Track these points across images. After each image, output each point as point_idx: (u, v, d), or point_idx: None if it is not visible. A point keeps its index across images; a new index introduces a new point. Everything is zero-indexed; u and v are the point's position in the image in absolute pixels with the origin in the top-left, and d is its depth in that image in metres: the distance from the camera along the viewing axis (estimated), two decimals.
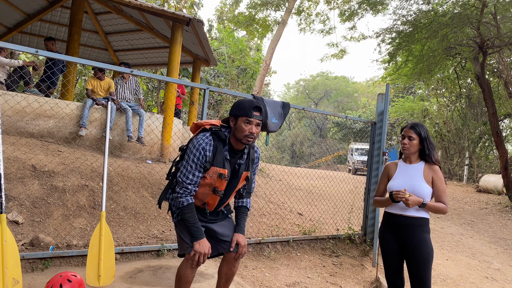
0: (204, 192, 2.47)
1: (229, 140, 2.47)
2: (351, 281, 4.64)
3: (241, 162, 2.52)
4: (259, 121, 2.40)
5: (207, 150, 2.38)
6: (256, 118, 2.37)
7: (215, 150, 2.40)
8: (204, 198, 2.49)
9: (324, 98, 50.22)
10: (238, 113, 2.39)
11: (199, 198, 2.49)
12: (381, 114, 5.56)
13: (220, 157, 2.41)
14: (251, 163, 2.58)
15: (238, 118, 2.39)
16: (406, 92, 26.42)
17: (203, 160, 2.38)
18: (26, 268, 3.37)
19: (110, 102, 4.21)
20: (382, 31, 12.72)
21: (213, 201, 2.51)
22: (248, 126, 2.36)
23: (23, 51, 3.36)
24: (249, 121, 2.36)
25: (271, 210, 6.40)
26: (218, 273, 2.68)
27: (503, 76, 13.65)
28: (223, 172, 2.40)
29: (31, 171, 4.51)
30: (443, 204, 2.83)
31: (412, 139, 2.90)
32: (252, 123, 2.37)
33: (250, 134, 2.36)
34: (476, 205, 11.63)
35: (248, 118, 2.35)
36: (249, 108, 2.36)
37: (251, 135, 2.37)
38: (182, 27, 7.31)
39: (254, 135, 2.37)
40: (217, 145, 2.41)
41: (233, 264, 2.60)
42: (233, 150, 2.47)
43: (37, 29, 10.59)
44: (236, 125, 2.39)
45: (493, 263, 6.14)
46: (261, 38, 21.24)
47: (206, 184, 2.44)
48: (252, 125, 2.37)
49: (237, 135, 2.39)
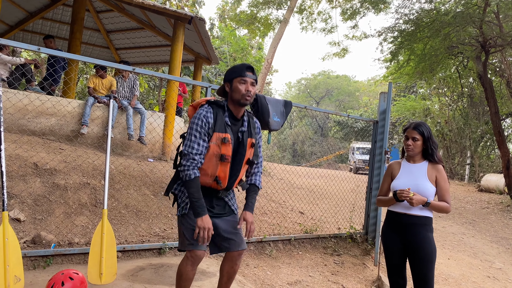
0: (212, 164, 2.42)
1: (228, 107, 2.51)
2: (353, 280, 4.63)
3: (243, 129, 2.53)
4: (253, 80, 2.46)
5: (209, 117, 2.41)
6: (250, 77, 2.44)
7: (215, 116, 2.43)
8: (214, 171, 2.43)
9: (325, 97, 50.15)
10: (232, 75, 2.45)
11: (209, 173, 2.43)
12: (383, 113, 5.55)
13: (221, 122, 2.44)
14: (254, 131, 2.60)
15: (233, 81, 2.45)
16: (408, 91, 26.37)
17: (206, 128, 2.39)
18: (28, 265, 3.37)
19: (112, 100, 4.20)
20: (384, 30, 12.69)
21: (224, 172, 2.44)
22: (244, 85, 2.42)
23: (25, 48, 3.35)
24: (244, 81, 2.42)
25: (273, 208, 6.40)
26: (220, 271, 2.67)
27: (505, 75, 13.61)
28: (225, 136, 2.41)
29: (33, 169, 4.51)
30: (447, 203, 2.83)
31: (416, 140, 2.89)
32: (247, 82, 2.43)
33: (247, 92, 2.42)
34: (478, 205, 11.61)
35: (243, 78, 2.42)
36: (242, 69, 2.44)
37: (248, 93, 2.42)
38: (184, 25, 7.31)
39: (251, 93, 2.43)
40: (217, 112, 2.44)
41: (235, 262, 2.59)
42: (233, 116, 2.50)
43: (39, 27, 10.60)
44: (232, 88, 2.45)
45: (495, 262, 6.12)
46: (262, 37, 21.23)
47: (212, 154, 2.41)
48: (248, 84, 2.43)
49: (235, 97, 2.44)
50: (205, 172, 2.44)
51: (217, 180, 2.44)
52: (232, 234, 2.55)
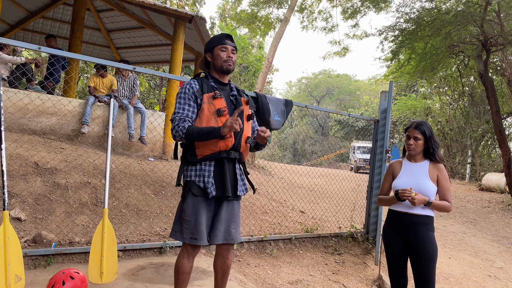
0: (212, 122, 2.41)
1: (212, 76, 2.58)
2: (354, 279, 4.63)
3: (234, 93, 2.59)
4: (233, 47, 2.55)
5: (193, 84, 2.47)
6: (230, 44, 2.52)
7: (201, 83, 2.49)
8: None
9: (326, 96, 50.13)
10: (213, 44, 2.54)
11: None
12: (384, 112, 5.54)
13: (207, 86, 2.49)
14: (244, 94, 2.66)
15: (213, 50, 2.53)
16: (409, 90, 26.35)
17: (190, 92, 2.43)
18: (28, 265, 3.37)
19: (113, 99, 4.20)
20: (384, 28, 12.66)
21: None
22: (225, 52, 2.51)
23: (25, 47, 3.35)
24: (225, 48, 2.51)
25: (273, 208, 6.39)
26: (213, 268, 2.66)
27: (507, 74, 13.58)
28: (214, 92, 2.45)
29: (34, 168, 4.51)
30: (448, 202, 2.82)
31: (418, 139, 2.88)
32: (228, 49, 2.51)
33: (228, 58, 2.50)
34: (479, 204, 11.61)
35: (223, 45, 2.50)
36: (222, 37, 2.53)
37: (230, 59, 2.51)
38: (184, 24, 7.30)
39: (232, 59, 2.52)
40: (201, 81, 2.51)
41: (226, 256, 2.59)
42: (219, 82, 2.56)
43: (40, 26, 10.60)
44: (214, 56, 2.53)
45: (496, 261, 6.12)
46: (263, 36, 21.19)
47: (209, 113, 2.42)
48: (228, 50, 2.51)
49: (217, 64, 2.52)
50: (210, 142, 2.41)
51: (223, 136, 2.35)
52: (226, 225, 2.52)
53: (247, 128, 2.56)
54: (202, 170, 2.45)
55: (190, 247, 2.45)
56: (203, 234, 2.41)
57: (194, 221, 2.41)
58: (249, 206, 6.07)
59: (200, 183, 2.43)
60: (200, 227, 2.40)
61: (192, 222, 2.41)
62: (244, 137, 2.52)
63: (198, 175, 2.45)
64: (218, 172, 2.45)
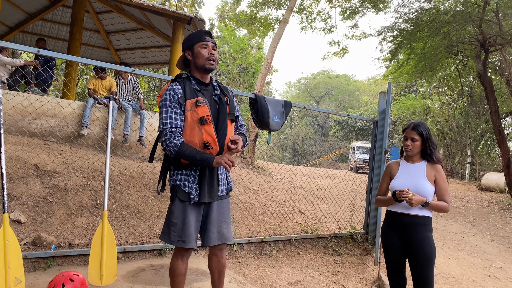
0: (196, 131, 2.37)
1: (193, 76, 2.50)
2: (353, 279, 4.63)
3: (217, 92, 2.53)
4: (214, 43, 2.47)
5: (175, 89, 2.40)
6: (210, 41, 2.44)
7: (183, 87, 2.42)
8: (200, 137, 2.37)
9: (325, 97, 50.13)
10: (192, 42, 2.46)
11: (197, 141, 2.37)
12: (383, 113, 5.55)
13: (190, 90, 2.43)
14: (226, 92, 2.60)
15: (193, 48, 2.45)
16: (408, 90, 26.36)
17: (175, 99, 2.37)
18: (28, 267, 3.38)
19: (112, 101, 4.21)
20: (383, 29, 12.67)
21: (210, 134, 2.37)
22: (206, 49, 2.43)
23: (25, 50, 3.36)
24: (205, 45, 2.43)
25: (273, 208, 6.40)
26: (209, 269, 2.67)
27: (505, 74, 13.59)
28: (197, 99, 2.38)
29: (33, 171, 4.52)
30: (446, 203, 2.83)
31: (415, 140, 2.90)
32: (208, 45, 2.44)
33: (210, 55, 2.43)
34: (478, 203, 11.62)
35: (204, 42, 2.43)
36: (201, 34, 2.45)
37: (212, 56, 2.43)
38: (183, 26, 7.32)
39: (214, 56, 2.44)
40: (183, 83, 2.44)
41: (220, 255, 2.60)
42: (201, 82, 2.50)
43: (39, 28, 10.61)
44: (195, 54, 2.45)
45: (496, 261, 6.12)
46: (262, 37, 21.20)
47: (192, 121, 2.37)
48: (209, 47, 2.44)
49: (199, 63, 2.45)
50: (192, 142, 2.37)
51: (207, 145, 2.37)
52: (218, 225, 2.53)
53: (230, 130, 2.51)
54: (188, 175, 2.45)
55: (182, 249, 2.47)
56: (191, 237, 2.41)
57: (182, 224, 2.42)
58: (249, 207, 6.08)
59: (185, 188, 2.43)
60: (187, 230, 2.41)
61: (179, 225, 2.42)
62: (227, 140, 2.46)
63: (183, 180, 2.45)
64: (201, 177, 2.45)
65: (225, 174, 2.61)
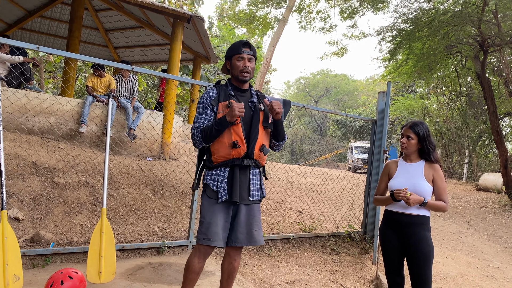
0: (226, 132, 2.48)
1: (231, 83, 2.65)
2: (351, 278, 4.64)
3: (254, 100, 2.63)
4: (251, 55, 2.57)
5: (210, 93, 2.58)
6: (247, 53, 2.55)
7: (219, 91, 2.59)
8: (229, 137, 2.47)
9: (324, 96, 50.18)
10: (231, 53, 2.60)
11: (226, 141, 2.47)
12: (382, 112, 5.56)
13: (224, 94, 2.57)
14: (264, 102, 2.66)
15: (232, 59, 2.59)
16: (407, 90, 26.41)
17: (208, 101, 2.55)
18: (27, 264, 3.38)
19: (111, 99, 4.20)
20: (382, 29, 12.70)
21: (239, 134, 2.47)
22: (241, 61, 2.55)
23: (24, 47, 3.35)
24: (241, 58, 2.55)
25: (271, 207, 6.41)
26: (221, 269, 2.69)
27: (504, 75, 13.63)
28: (229, 101, 2.48)
29: (32, 168, 4.51)
30: (444, 202, 2.84)
31: (410, 138, 2.90)
32: (244, 58, 2.55)
33: (244, 68, 2.54)
34: (476, 204, 11.64)
35: (240, 55, 2.54)
36: (239, 46, 2.57)
37: (246, 69, 2.55)
38: (182, 24, 7.30)
39: (248, 68, 2.55)
40: (220, 88, 2.61)
41: (233, 257, 2.62)
42: (238, 89, 2.63)
43: (38, 25, 10.58)
44: (232, 65, 2.59)
45: (493, 261, 6.15)
46: (261, 36, 21.22)
47: None
48: (245, 60, 2.55)
49: (234, 73, 2.59)
50: (222, 141, 2.49)
51: (235, 144, 2.45)
52: (248, 228, 2.55)
53: (262, 136, 2.58)
54: (217, 175, 2.54)
55: (203, 247, 2.49)
56: (217, 236, 2.45)
57: (209, 222, 2.47)
58: None
59: (214, 187, 2.52)
60: (214, 228, 2.45)
61: (206, 223, 2.47)
62: (258, 145, 2.55)
63: (212, 179, 2.55)
64: (232, 178, 2.52)
65: (258, 180, 2.66)
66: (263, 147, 2.57)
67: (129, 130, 6.58)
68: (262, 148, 2.57)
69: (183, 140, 9.14)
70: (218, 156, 2.52)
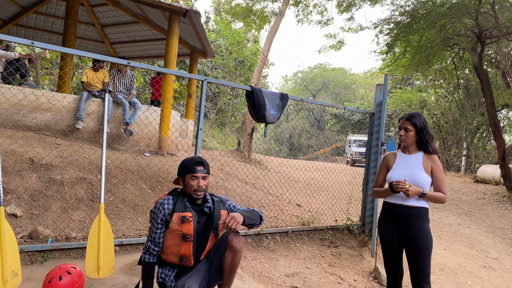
0: (175, 242, 2.51)
1: (186, 194, 2.64)
2: (350, 271, 4.66)
3: (209, 205, 2.64)
4: (205, 173, 2.59)
5: (165, 204, 2.55)
6: (200, 172, 2.56)
7: (175, 202, 2.56)
8: (178, 250, 2.52)
9: (322, 90, 50.10)
10: (184, 171, 2.60)
11: (174, 252, 2.52)
12: (379, 105, 5.55)
13: (181, 205, 2.55)
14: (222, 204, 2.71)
15: (185, 177, 2.59)
16: (404, 83, 26.40)
17: (160, 215, 2.52)
18: (25, 260, 3.37)
19: (107, 94, 4.18)
20: (380, 22, 12.65)
21: (188, 251, 2.52)
22: (195, 181, 2.55)
23: (18, 42, 3.33)
24: (195, 177, 2.55)
25: (270, 201, 6.41)
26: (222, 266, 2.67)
27: (501, 67, 13.63)
28: (185, 214, 2.49)
29: (29, 164, 4.49)
30: (442, 193, 2.83)
31: (408, 130, 2.90)
32: (198, 177, 2.55)
33: (198, 188, 2.55)
34: (474, 196, 11.68)
35: (194, 174, 2.55)
36: (192, 165, 2.57)
37: (200, 189, 2.55)
38: (179, 18, 7.26)
39: (202, 187, 2.56)
40: (176, 199, 2.57)
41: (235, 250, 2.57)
42: (194, 202, 2.64)
43: (33, 21, 10.51)
44: (185, 183, 2.59)
45: (491, 252, 6.17)
46: (258, 30, 21.14)
47: (175, 234, 2.50)
48: (199, 179, 2.56)
49: (188, 191, 2.59)
50: (170, 251, 2.53)
51: (182, 258, 2.51)
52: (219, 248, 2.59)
53: (211, 243, 2.63)
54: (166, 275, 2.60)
55: None
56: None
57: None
58: (246, 200, 6.09)
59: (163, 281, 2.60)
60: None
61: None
62: (206, 252, 2.62)
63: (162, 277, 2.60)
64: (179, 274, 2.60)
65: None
66: (210, 251, 2.62)
67: (126, 125, 6.58)
68: (210, 251, 2.62)
69: (181, 135, 9.12)
70: (166, 258, 2.57)
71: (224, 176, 7.12)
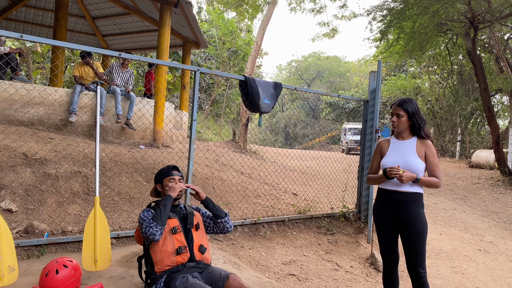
0: (168, 240, 2.57)
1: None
2: (347, 257, 4.69)
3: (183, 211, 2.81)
4: (180, 176, 2.83)
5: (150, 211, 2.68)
6: (176, 175, 2.81)
7: (155, 210, 2.66)
8: (172, 245, 2.56)
9: (316, 79, 50.00)
10: (161, 177, 2.82)
11: (170, 249, 2.55)
12: (373, 92, 5.54)
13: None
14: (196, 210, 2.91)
15: (163, 181, 2.81)
16: (398, 70, 26.40)
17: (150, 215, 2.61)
18: (22, 255, 3.37)
19: (99, 86, 4.14)
20: (373, 8, 12.61)
21: (181, 241, 2.58)
22: (173, 182, 2.77)
23: (7, 36, 3.28)
24: (172, 179, 2.78)
25: (266, 191, 6.42)
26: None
27: (494, 51, 13.64)
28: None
29: (23, 159, 4.47)
30: (437, 178, 2.84)
31: (400, 116, 2.90)
32: (175, 179, 2.79)
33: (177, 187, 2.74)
34: (469, 180, 11.77)
35: (171, 177, 2.78)
36: (168, 169, 2.83)
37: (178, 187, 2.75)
38: (170, 9, 7.19)
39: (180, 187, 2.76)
40: (156, 208, 2.67)
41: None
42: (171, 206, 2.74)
43: (22, 15, 10.38)
44: (163, 186, 2.80)
45: (486, 236, 6.24)
46: (251, 19, 20.96)
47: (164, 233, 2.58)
48: (176, 180, 2.79)
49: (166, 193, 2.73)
50: (167, 251, 2.55)
51: (179, 250, 2.55)
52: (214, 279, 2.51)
53: (197, 237, 2.70)
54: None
55: None
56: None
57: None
58: (242, 190, 6.10)
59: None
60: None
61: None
62: (196, 246, 2.66)
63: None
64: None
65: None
66: (201, 247, 2.67)
67: (127, 120, 6.65)
68: (200, 248, 2.67)
69: (175, 126, 9.09)
70: (162, 266, 2.55)
71: (220, 167, 7.12)
